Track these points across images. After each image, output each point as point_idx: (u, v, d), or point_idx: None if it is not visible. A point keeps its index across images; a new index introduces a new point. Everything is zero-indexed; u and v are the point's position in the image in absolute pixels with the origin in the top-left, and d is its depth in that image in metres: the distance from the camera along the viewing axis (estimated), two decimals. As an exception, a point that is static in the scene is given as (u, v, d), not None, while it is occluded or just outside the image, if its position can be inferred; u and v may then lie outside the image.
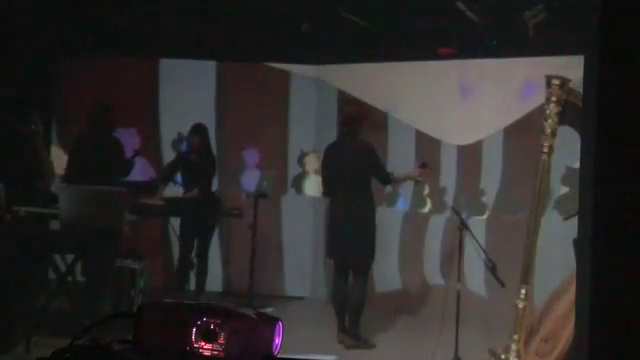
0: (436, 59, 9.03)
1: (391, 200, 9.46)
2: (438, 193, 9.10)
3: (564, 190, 8.01)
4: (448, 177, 9.03)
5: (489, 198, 8.79)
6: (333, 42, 9.23)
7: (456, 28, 8.54)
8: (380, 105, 9.33)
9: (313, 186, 9.84)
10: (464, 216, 8.89)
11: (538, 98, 7.67)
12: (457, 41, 8.78)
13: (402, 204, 9.52)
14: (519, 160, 8.33)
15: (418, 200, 9.47)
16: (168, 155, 9.61)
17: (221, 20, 8.86)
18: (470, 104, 8.89)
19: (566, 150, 6.94)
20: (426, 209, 9.36)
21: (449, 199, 9.08)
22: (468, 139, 8.92)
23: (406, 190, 9.24)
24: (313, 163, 9.85)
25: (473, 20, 8.41)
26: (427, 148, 9.07)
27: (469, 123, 8.82)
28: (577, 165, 7.03)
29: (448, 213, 9.04)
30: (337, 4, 8.66)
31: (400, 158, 9.07)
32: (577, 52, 7.06)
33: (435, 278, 8.97)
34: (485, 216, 8.77)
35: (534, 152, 7.09)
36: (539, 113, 7.25)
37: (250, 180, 9.71)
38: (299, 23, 8.99)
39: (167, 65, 9.88)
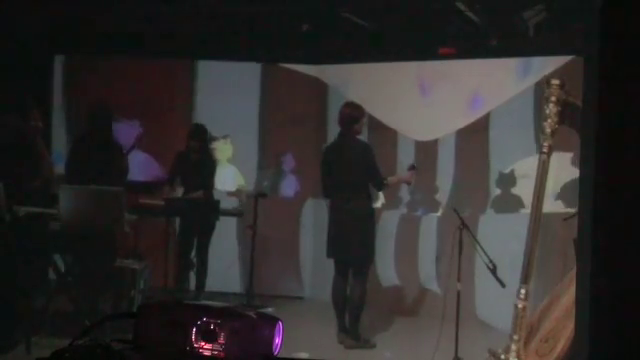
0: (436, 59, 9.05)
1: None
2: (392, 188, 9.15)
3: (497, 192, 8.80)
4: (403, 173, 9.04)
5: (442, 196, 9.12)
6: (333, 42, 9.23)
7: (456, 28, 8.55)
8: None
9: (224, 178, 9.52)
10: (419, 212, 9.12)
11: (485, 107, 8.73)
12: (457, 41, 8.79)
13: None
14: (469, 161, 8.92)
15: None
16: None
17: (220, 19, 8.86)
18: (430, 103, 9.17)
19: (565, 150, 7.00)
20: (378, 204, 9.43)
21: (404, 195, 9.19)
22: (427, 136, 9.18)
23: None
24: (225, 150, 9.59)
25: (473, 20, 8.41)
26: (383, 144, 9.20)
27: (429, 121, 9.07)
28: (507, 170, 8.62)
29: (404, 209, 9.24)
30: (337, 4, 8.65)
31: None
32: (577, 52, 7.09)
33: (390, 277, 9.11)
34: (439, 213, 8.91)
35: (481, 155, 8.51)
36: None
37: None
38: (299, 23, 9.00)
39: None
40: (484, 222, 8.57)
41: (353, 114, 7.69)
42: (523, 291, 6.30)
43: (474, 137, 8.91)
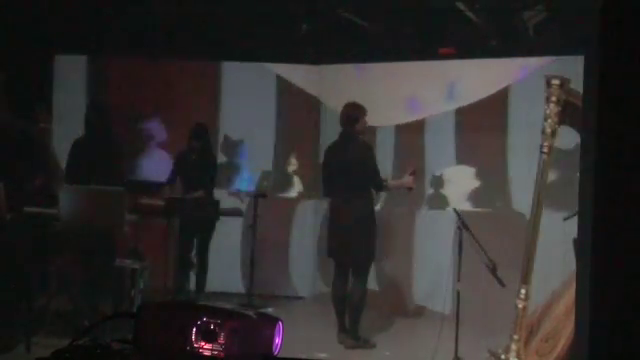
0: (436, 59, 9.05)
1: (231, 181, 9.59)
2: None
3: (431, 191, 9.32)
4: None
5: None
6: (333, 42, 9.23)
7: (456, 28, 8.55)
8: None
9: None
10: None
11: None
12: (457, 41, 8.79)
13: (247, 185, 9.48)
14: (407, 159, 9.19)
15: (283, 183, 9.72)
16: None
17: (220, 20, 8.86)
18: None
19: (565, 150, 7.01)
20: (294, 193, 9.45)
21: None
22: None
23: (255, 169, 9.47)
24: None
25: (473, 20, 8.42)
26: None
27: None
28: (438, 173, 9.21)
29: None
30: (337, 4, 8.66)
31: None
32: (577, 52, 7.10)
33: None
34: (378, 207, 8.98)
35: (419, 155, 9.14)
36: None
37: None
38: (299, 23, 9.00)
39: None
40: (420, 218, 9.16)
41: (354, 114, 7.68)
42: (523, 291, 6.30)
43: (412, 138, 9.30)
